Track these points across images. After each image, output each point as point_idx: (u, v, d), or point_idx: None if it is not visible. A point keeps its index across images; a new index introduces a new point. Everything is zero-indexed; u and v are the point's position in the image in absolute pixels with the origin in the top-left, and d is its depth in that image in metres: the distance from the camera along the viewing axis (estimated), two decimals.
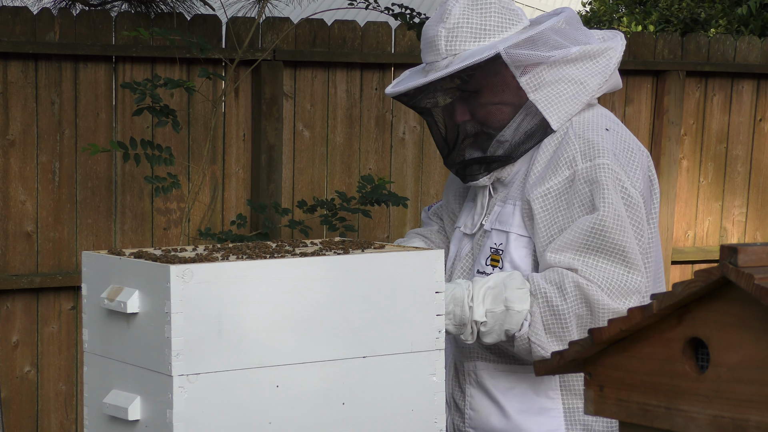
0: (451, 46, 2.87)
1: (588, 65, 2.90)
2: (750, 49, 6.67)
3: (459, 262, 2.99)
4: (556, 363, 1.87)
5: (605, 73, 2.90)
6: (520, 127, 2.88)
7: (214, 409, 2.35)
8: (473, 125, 2.91)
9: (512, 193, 2.90)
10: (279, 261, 2.42)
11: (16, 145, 5.13)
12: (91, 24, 5.21)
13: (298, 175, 5.64)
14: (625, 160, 2.83)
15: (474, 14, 2.87)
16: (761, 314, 1.61)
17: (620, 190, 2.78)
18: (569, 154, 2.81)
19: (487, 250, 2.91)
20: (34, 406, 5.24)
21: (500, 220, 2.90)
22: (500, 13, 2.89)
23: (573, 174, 2.79)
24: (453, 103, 2.90)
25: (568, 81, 2.88)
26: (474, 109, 2.90)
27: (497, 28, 2.88)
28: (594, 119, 2.89)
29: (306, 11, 6.58)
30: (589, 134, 2.83)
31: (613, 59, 2.92)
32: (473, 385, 2.96)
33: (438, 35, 2.88)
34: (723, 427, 1.66)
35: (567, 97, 2.87)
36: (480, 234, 2.96)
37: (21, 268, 5.17)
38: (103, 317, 2.47)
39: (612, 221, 2.74)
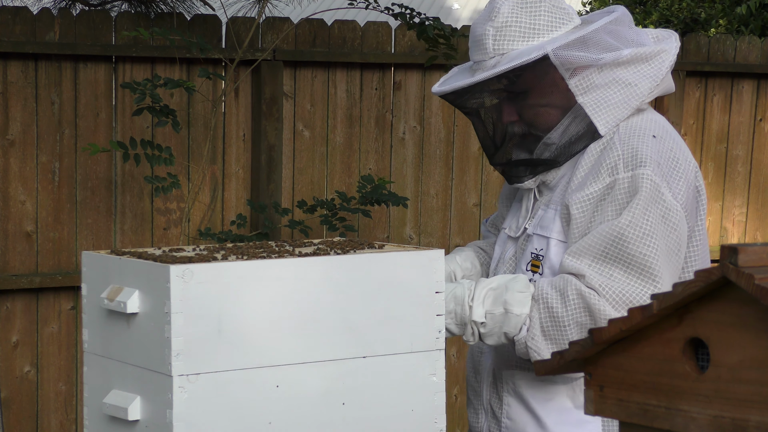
0: (498, 46, 2.80)
1: (640, 68, 2.81)
2: (750, 49, 6.67)
3: (503, 266, 2.95)
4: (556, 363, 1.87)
5: (657, 77, 2.82)
6: (567, 131, 2.81)
7: (214, 409, 2.35)
8: (520, 126, 2.84)
9: (555, 197, 2.85)
10: (279, 261, 2.42)
11: (16, 145, 5.13)
12: (91, 24, 5.21)
13: (298, 175, 5.64)
14: (668, 171, 2.75)
15: (523, 13, 2.81)
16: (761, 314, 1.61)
17: (659, 201, 2.70)
18: (611, 160, 2.74)
19: (528, 255, 2.86)
20: (34, 406, 5.24)
21: (541, 225, 2.85)
22: (550, 12, 2.82)
23: (613, 182, 2.72)
24: (500, 103, 2.84)
25: (618, 84, 2.80)
26: (521, 110, 2.83)
27: (547, 27, 2.81)
28: (641, 125, 2.81)
29: (306, 11, 6.58)
30: (634, 141, 2.75)
31: (666, 62, 2.83)
32: (511, 394, 2.91)
33: (486, 34, 2.81)
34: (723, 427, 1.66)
35: (616, 102, 2.79)
36: (523, 238, 2.91)
37: (21, 268, 5.17)
38: (103, 317, 2.47)
39: (633, 231, 2.67)
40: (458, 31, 5.39)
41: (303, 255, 2.49)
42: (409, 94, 5.83)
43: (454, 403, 5.99)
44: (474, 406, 3.02)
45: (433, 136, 5.89)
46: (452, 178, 5.95)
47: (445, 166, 5.93)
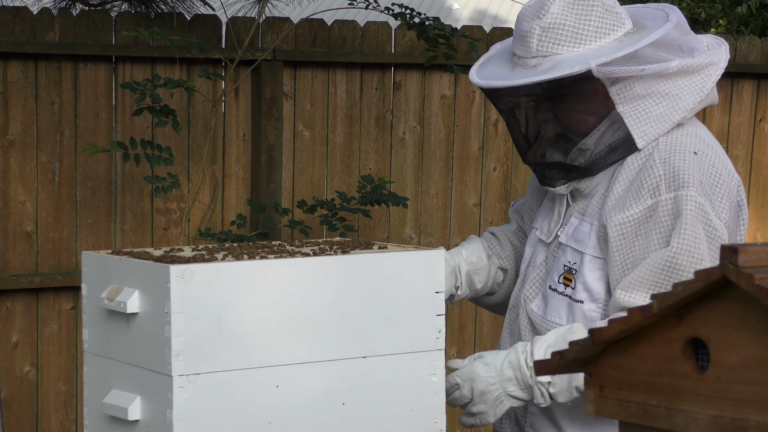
0: (542, 47, 2.70)
1: (686, 81, 2.72)
2: (750, 49, 6.67)
3: (533, 270, 2.89)
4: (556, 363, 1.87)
5: (702, 91, 2.72)
6: (603, 139, 2.72)
7: (214, 409, 2.35)
8: (555, 126, 2.76)
9: (590, 209, 2.77)
10: (279, 261, 2.42)
11: (16, 145, 5.13)
12: (91, 24, 5.21)
13: (298, 175, 5.64)
14: (711, 189, 2.67)
15: (572, 15, 2.70)
16: (761, 314, 1.61)
17: (704, 223, 2.62)
18: (653, 181, 2.66)
19: (560, 267, 2.79)
20: (34, 406, 5.24)
21: (576, 238, 2.77)
22: (601, 16, 2.71)
23: (656, 204, 2.64)
24: (537, 104, 2.76)
25: (661, 96, 2.70)
26: (558, 113, 2.76)
27: (595, 33, 2.70)
28: (682, 141, 2.72)
29: (306, 11, 6.58)
30: (675, 159, 2.67)
31: (713, 75, 2.73)
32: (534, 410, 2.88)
33: (531, 32, 2.70)
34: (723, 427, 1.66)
35: (657, 115, 2.70)
36: (555, 245, 2.84)
37: (21, 268, 5.17)
38: (103, 317, 2.47)
39: (686, 258, 2.60)
40: (458, 31, 5.39)
41: (303, 255, 2.49)
42: (409, 94, 5.83)
43: None
44: None
45: (433, 136, 5.89)
46: (452, 178, 5.95)
47: (445, 166, 5.92)
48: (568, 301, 2.78)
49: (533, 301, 2.86)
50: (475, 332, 6.04)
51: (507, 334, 2.96)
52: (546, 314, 2.82)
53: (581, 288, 2.76)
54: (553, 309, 2.80)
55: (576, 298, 2.77)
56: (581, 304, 2.76)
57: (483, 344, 6.01)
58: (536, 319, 2.84)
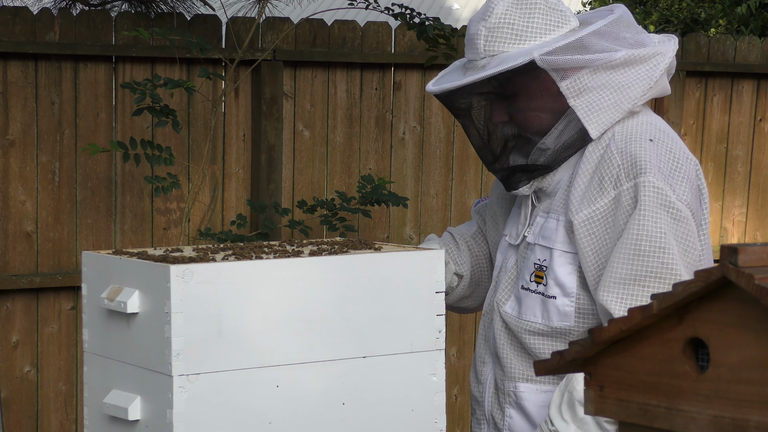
0: (489, 47, 2.76)
1: (633, 71, 2.76)
2: (750, 49, 6.67)
3: (505, 274, 2.91)
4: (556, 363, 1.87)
5: (651, 79, 2.77)
6: (561, 135, 2.77)
7: (214, 409, 2.35)
8: (511, 128, 2.81)
9: (555, 205, 2.80)
10: (279, 261, 2.42)
11: (16, 145, 5.13)
12: (91, 24, 5.21)
13: (298, 175, 5.64)
14: (670, 173, 2.71)
15: (517, 14, 2.76)
16: (761, 314, 1.61)
17: (665, 206, 2.66)
18: (613, 172, 2.70)
19: (530, 266, 2.82)
20: (34, 406, 5.24)
21: (544, 235, 2.80)
22: (545, 14, 2.77)
23: (618, 194, 2.68)
24: (490, 105, 2.81)
25: (610, 87, 2.75)
26: (512, 113, 2.80)
27: (540, 30, 2.76)
28: (637, 129, 2.76)
29: (306, 11, 6.58)
30: (632, 148, 2.71)
31: (660, 65, 2.78)
32: (512, 406, 2.88)
33: (478, 34, 2.77)
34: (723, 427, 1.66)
35: (608, 105, 2.75)
36: (523, 246, 2.87)
37: (21, 268, 5.17)
38: (103, 317, 2.47)
39: (647, 241, 2.64)
40: (458, 31, 5.39)
41: (303, 255, 2.49)
42: (409, 94, 5.83)
43: (454, 403, 5.99)
44: (477, 416, 3.00)
45: (433, 136, 5.89)
46: (452, 178, 5.95)
47: (445, 166, 5.92)
48: (541, 298, 2.80)
49: (506, 304, 2.87)
50: (474, 332, 6.04)
51: (482, 340, 2.99)
52: (521, 314, 2.83)
53: (553, 284, 2.78)
54: (527, 308, 2.82)
55: (548, 294, 2.79)
56: (554, 299, 2.78)
57: None
58: (511, 320, 2.85)
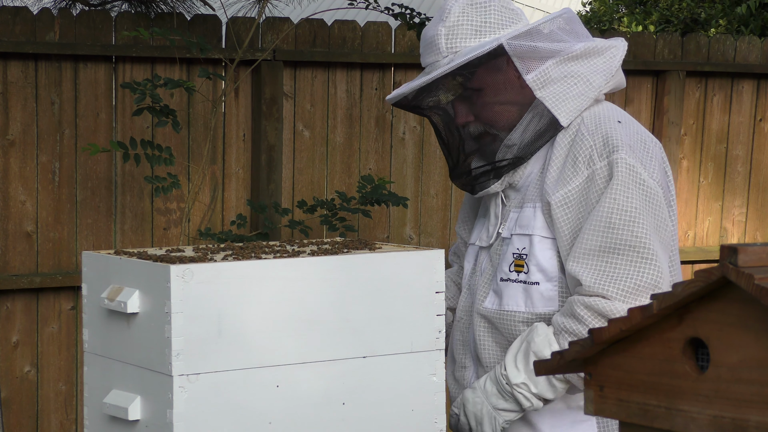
0: (451, 44, 2.82)
1: (593, 62, 2.85)
2: (750, 49, 6.67)
3: (479, 277, 2.93)
4: (555, 363, 1.87)
5: (610, 70, 2.85)
6: (529, 128, 2.82)
7: (214, 409, 2.35)
8: (477, 126, 2.85)
9: (529, 195, 2.84)
10: (279, 261, 2.42)
11: (16, 145, 5.13)
12: (91, 24, 5.21)
13: (298, 175, 5.64)
14: (640, 152, 2.78)
15: (473, 12, 2.83)
16: (761, 314, 1.61)
17: (637, 183, 2.73)
18: (586, 152, 2.77)
19: (509, 257, 2.85)
20: (34, 406, 5.24)
21: (520, 224, 2.84)
22: (500, 11, 2.85)
23: (592, 173, 2.75)
24: (456, 103, 2.85)
25: (574, 77, 2.83)
26: (479, 110, 2.84)
27: (497, 25, 2.83)
28: (605, 113, 2.84)
29: (306, 11, 6.58)
30: (603, 128, 2.78)
31: (617, 56, 2.87)
32: None
33: (438, 34, 2.83)
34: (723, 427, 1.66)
35: (574, 94, 2.82)
36: (497, 243, 2.90)
37: (21, 268, 5.17)
38: (103, 317, 2.47)
39: (619, 216, 2.70)
40: None
41: (303, 255, 2.49)
42: None
43: None
44: None
45: (433, 136, 5.89)
46: None
47: (445, 166, 5.92)
48: (523, 286, 2.82)
49: (485, 300, 2.89)
50: None
51: (459, 346, 2.98)
52: (502, 305, 2.85)
53: (535, 270, 2.81)
54: (509, 298, 2.84)
55: (531, 280, 2.81)
56: (537, 285, 2.81)
57: None
58: (492, 314, 2.87)
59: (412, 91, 2.84)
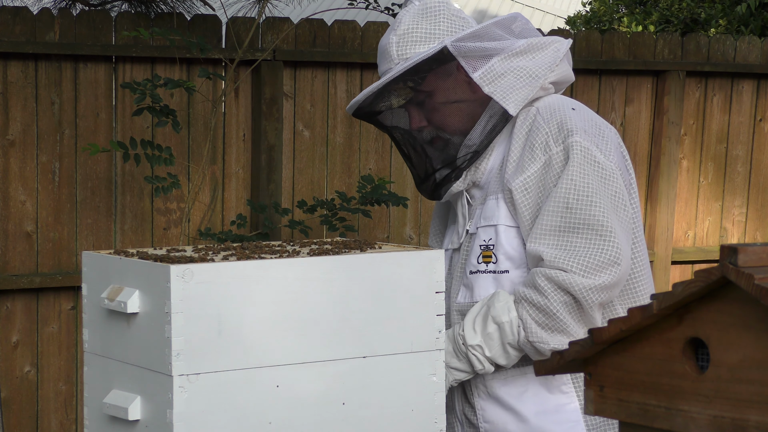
0: (402, 51, 2.90)
1: (537, 56, 2.92)
2: (750, 49, 6.67)
3: (450, 278, 2.98)
4: (556, 363, 1.87)
5: (554, 61, 2.92)
6: (482, 124, 2.90)
7: (214, 409, 2.35)
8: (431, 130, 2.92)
9: (491, 188, 2.91)
10: (279, 261, 2.42)
11: (16, 145, 5.13)
12: (91, 24, 5.21)
13: (298, 175, 5.64)
14: (595, 137, 2.84)
15: (423, 21, 2.92)
16: (761, 314, 1.61)
17: (592, 163, 2.79)
18: (542, 139, 2.83)
19: (476, 249, 2.90)
20: (34, 406, 5.24)
21: (485, 216, 2.90)
22: (449, 19, 2.93)
23: (549, 158, 2.81)
24: (410, 109, 2.92)
25: (518, 71, 2.90)
26: (432, 114, 2.91)
27: (446, 32, 2.92)
28: (559, 102, 2.91)
29: (306, 11, 6.58)
30: (557, 115, 2.85)
31: (560, 50, 2.94)
32: (483, 398, 2.93)
33: (390, 43, 2.92)
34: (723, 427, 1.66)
35: (521, 85, 2.89)
36: (466, 240, 2.96)
37: (21, 268, 5.17)
38: (103, 317, 2.47)
39: (576, 196, 2.76)
40: None
41: (303, 255, 2.49)
42: None
43: None
44: (451, 423, 3.03)
45: None
46: None
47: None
48: (493, 275, 2.87)
49: (457, 296, 2.94)
50: None
51: None
52: (474, 297, 2.89)
53: (503, 258, 2.86)
54: (480, 289, 2.88)
55: (500, 269, 2.86)
56: (507, 273, 2.86)
57: None
58: (465, 308, 2.90)
59: (365, 98, 2.92)
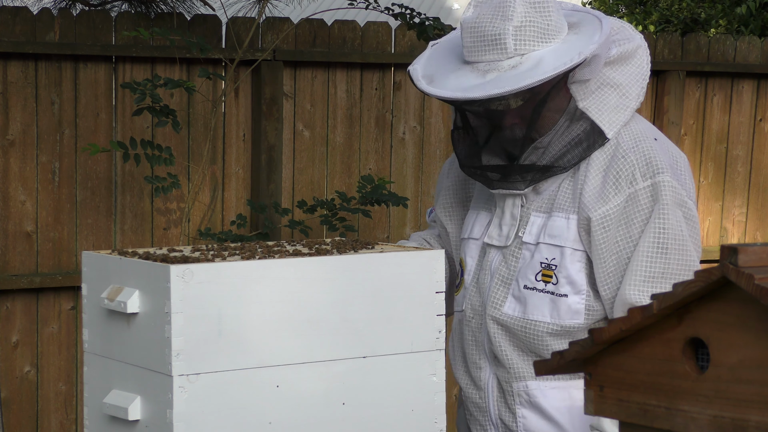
0: (520, 46, 2.70)
1: (626, 68, 2.79)
2: (750, 49, 6.67)
3: (491, 279, 2.88)
4: (556, 363, 1.87)
5: (644, 76, 2.80)
6: (572, 135, 2.77)
7: (214, 409, 2.35)
8: (521, 129, 2.76)
9: (560, 204, 2.80)
10: (279, 261, 2.42)
11: (16, 145, 5.13)
12: (91, 24, 5.21)
13: (298, 175, 5.64)
14: (678, 173, 2.76)
15: (536, 14, 2.72)
16: (761, 314, 1.61)
17: (680, 205, 2.72)
18: (628, 170, 2.73)
19: (536, 265, 2.80)
20: (34, 406, 5.24)
21: (551, 234, 2.79)
22: (556, 13, 2.75)
23: (634, 193, 2.72)
24: (509, 108, 2.75)
25: (611, 86, 2.78)
26: (528, 114, 2.75)
27: (557, 29, 2.74)
28: (641, 129, 2.80)
29: (306, 11, 6.58)
30: (643, 147, 2.75)
31: (645, 59, 2.81)
32: (525, 406, 2.87)
33: (505, 33, 2.69)
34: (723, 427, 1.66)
35: (614, 106, 2.77)
36: (515, 246, 2.85)
37: (21, 268, 5.17)
38: (103, 317, 2.47)
39: (673, 241, 2.70)
40: None
41: (303, 255, 2.49)
42: (409, 94, 5.83)
43: (454, 403, 5.99)
44: (480, 422, 2.97)
45: (433, 136, 5.89)
46: None
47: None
48: (550, 297, 2.80)
49: (504, 305, 2.85)
50: None
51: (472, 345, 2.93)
52: (526, 314, 2.82)
53: (564, 282, 2.79)
54: (534, 307, 2.81)
55: (560, 292, 2.79)
56: (565, 297, 2.79)
57: None
58: (512, 321, 2.84)
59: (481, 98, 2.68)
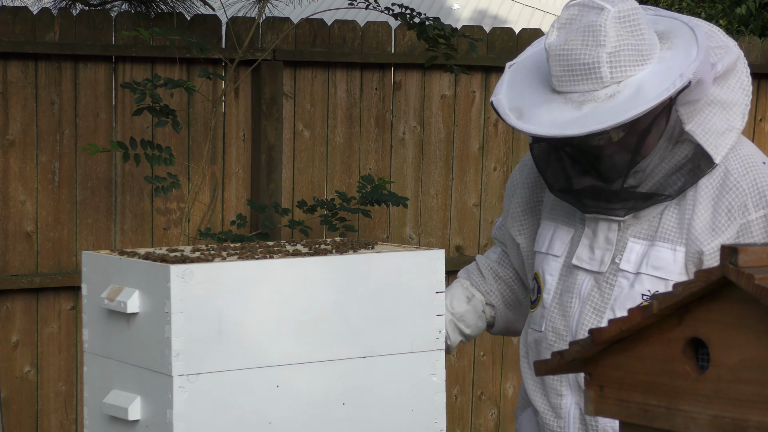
0: (616, 73, 2.50)
1: (729, 83, 2.62)
2: (750, 49, 6.67)
3: (581, 304, 2.71)
4: (556, 363, 1.87)
5: (747, 92, 2.62)
6: (675, 160, 2.59)
7: (214, 409, 2.35)
8: (623, 155, 2.57)
9: (665, 234, 2.64)
10: (279, 261, 2.42)
11: (16, 145, 5.13)
12: (91, 24, 5.21)
13: (298, 175, 5.64)
14: None
15: (628, 35, 2.51)
16: (761, 314, 1.61)
17: None
18: (740, 200, 2.58)
19: (636, 296, 2.64)
20: (34, 406, 5.24)
21: (654, 265, 2.63)
22: (649, 29, 2.55)
23: (747, 223, 2.59)
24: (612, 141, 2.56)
25: (715, 105, 2.60)
26: (626, 143, 2.57)
27: (650, 48, 2.53)
28: (749, 153, 2.64)
29: (306, 11, 6.58)
30: (754, 174, 2.60)
31: (744, 72, 2.63)
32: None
33: (599, 60, 2.49)
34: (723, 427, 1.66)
35: (720, 128, 2.59)
36: (611, 272, 2.68)
37: (21, 268, 5.17)
38: (103, 317, 2.47)
39: None
40: (458, 31, 5.38)
41: (303, 255, 2.49)
42: (409, 94, 5.83)
43: (454, 403, 5.99)
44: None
45: (433, 136, 5.89)
46: (452, 178, 5.95)
47: (445, 166, 5.92)
48: None
49: None
50: None
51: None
52: None
53: None
54: None
55: None
56: None
57: (483, 344, 6.01)
58: None
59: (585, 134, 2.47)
